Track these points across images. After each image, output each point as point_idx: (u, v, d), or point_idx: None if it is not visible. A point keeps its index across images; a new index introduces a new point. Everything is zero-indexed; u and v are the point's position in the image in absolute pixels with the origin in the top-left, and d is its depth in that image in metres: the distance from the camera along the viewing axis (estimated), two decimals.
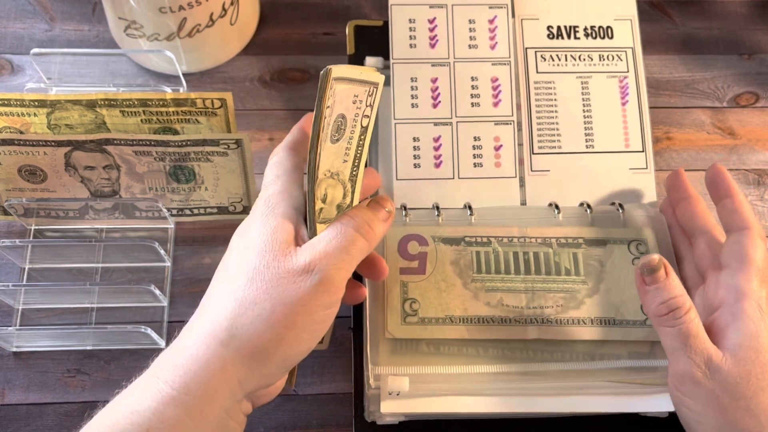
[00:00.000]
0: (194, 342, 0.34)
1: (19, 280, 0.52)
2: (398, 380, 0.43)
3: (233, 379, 0.34)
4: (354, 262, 0.37)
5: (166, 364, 0.34)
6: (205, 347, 0.34)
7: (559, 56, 0.53)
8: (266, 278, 0.34)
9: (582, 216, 0.50)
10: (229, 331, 0.34)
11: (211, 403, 0.33)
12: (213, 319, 0.34)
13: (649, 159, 0.52)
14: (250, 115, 0.59)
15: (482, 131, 0.52)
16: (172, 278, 0.53)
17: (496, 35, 0.53)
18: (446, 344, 0.45)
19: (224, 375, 0.33)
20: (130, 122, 0.48)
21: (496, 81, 0.52)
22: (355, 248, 0.37)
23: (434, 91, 0.52)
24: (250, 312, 0.34)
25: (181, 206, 0.53)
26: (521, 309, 0.46)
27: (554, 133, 0.52)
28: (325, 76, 0.35)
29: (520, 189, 0.51)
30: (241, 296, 0.34)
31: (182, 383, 0.33)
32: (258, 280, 0.35)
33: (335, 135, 0.37)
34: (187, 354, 0.34)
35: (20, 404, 0.49)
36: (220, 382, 0.33)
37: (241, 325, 0.34)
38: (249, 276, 0.35)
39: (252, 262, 0.35)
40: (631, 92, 0.53)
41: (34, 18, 0.62)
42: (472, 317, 0.45)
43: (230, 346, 0.34)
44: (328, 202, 0.39)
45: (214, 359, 0.33)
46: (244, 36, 0.61)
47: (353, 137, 0.39)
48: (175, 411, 0.32)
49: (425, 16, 0.53)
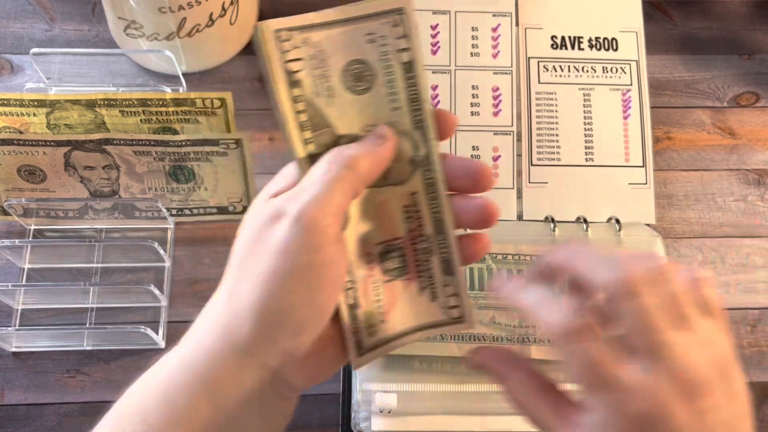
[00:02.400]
0: (210, 310, 0.34)
1: (19, 280, 0.52)
2: (387, 397, 0.42)
3: (236, 345, 0.32)
4: (336, 195, 0.32)
5: (189, 333, 0.34)
6: (212, 312, 0.34)
7: (562, 67, 0.53)
8: (253, 236, 0.33)
9: (578, 232, 0.49)
10: (228, 295, 0.33)
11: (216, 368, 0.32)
12: (225, 289, 0.34)
13: (649, 174, 0.52)
14: (250, 115, 0.59)
15: (481, 141, 0.51)
16: (172, 278, 0.53)
17: (498, 44, 0.53)
18: (439, 362, 0.44)
19: (225, 339, 0.33)
20: (129, 122, 0.48)
21: (497, 90, 0.52)
22: (333, 181, 0.32)
23: (434, 98, 0.52)
24: (240, 274, 0.33)
25: (180, 206, 0.53)
26: (513, 327, 0.45)
27: (554, 144, 0.52)
28: (260, 34, 0.30)
29: (517, 200, 0.51)
30: (237, 262, 0.33)
31: (192, 347, 0.33)
32: (247, 240, 0.33)
33: (358, 84, 0.33)
34: (203, 321, 0.34)
35: (20, 404, 0.49)
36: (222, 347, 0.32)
37: (236, 287, 0.33)
38: (244, 240, 0.34)
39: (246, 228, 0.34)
40: (633, 106, 0.53)
41: (34, 18, 0.62)
42: (464, 335, 0.45)
43: (228, 310, 0.33)
44: (395, 159, 0.34)
45: (214, 323, 0.33)
46: (243, 36, 0.61)
47: (394, 79, 0.34)
48: (185, 374, 0.32)
49: (428, 22, 0.53)
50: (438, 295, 0.36)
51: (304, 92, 0.32)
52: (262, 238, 0.32)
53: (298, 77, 0.32)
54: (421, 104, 0.34)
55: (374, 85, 0.33)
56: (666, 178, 0.58)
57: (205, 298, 0.53)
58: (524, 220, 0.51)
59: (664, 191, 0.58)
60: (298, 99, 0.32)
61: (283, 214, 0.32)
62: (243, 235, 0.34)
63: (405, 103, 0.34)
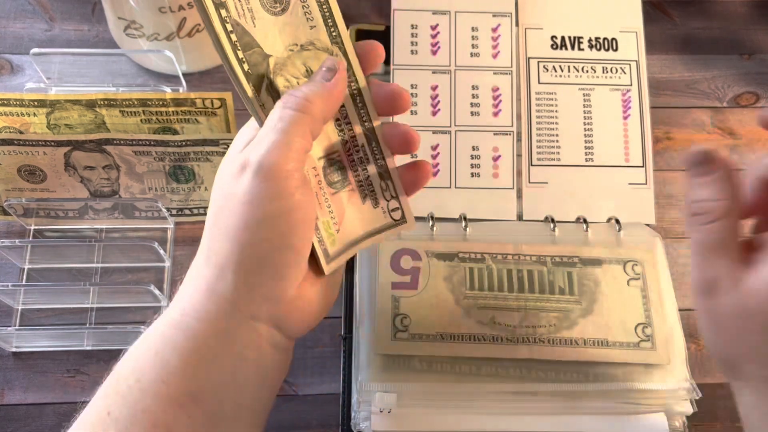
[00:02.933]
0: (191, 269, 0.35)
1: (19, 280, 0.52)
2: (386, 397, 0.42)
3: (220, 298, 0.33)
4: (295, 140, 0.33)
5: (177, 293, 0.35)
6: (194, 271, 0.34)
7: (562, 67, 0.53)
8: (223, 191, 0.34)
9: (578, 232, 0.49)
10: (207, 253, 0.34)
11: (209, 325, 0.33)
12: (200, 247, 0.35)
13: (648, 174, 0.52)
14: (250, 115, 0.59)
15: (481, 141, 0.51)
16: (172, 278, 0.53)
17: (498, 44, 0.53)
18: (439, 361, 0.44)
19: (209, 294, 0.33)
20: (129, 122, 0.48)
21: (497, 90, 0.52)
22: (290, 125, 0.33)
23: (434, 98, 0.52)
24: (215, 229, 0.34)
25: (180, 206, 0.53)
26: (513, 328, 0.45)
27: (554, 144, 0.52)
28: None
29: (517, 200, 0.51)
30: (211, 219, 0.34)
31: (180, 307, 0.33)
32: (218, 196, 0.34)
33: (274, 6, 0.35)
34: (186, 281, 0.35)
35: (20, 404, 0.49)
36: (213, 304, 0.33)
37: (213, 243, 0.34)
38: (216, 196, 0.34)
39: (217, 183, 0.35)
40: (633, 106, 0.53)
41: (34, 18, 0.62)
42: (464, 335, 0.45)
43: (208, 265, 0.33)
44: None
45: (198, 280, 0.34)
46: None
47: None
48: (175, 332, 0.33)
49: (428, 23, 0.53)
50: (379, 201, 0.39)
51: (230, 13, 0.34)
52: (230, 191, 0.33)
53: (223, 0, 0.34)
54: (336, 23, 0.36)
55: (289, 6, 0.35)
56: (666, 178, 0.58)
57: None
58: (524, 220, 0.51)
59: (664, 191, 0.58)
60: (226, 20, 0.33)
61: (247, 164, 0.32)
62: (215, 191, 0.34)
63: (320, 21, 0.36)
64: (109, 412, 0.31)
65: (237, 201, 0.32)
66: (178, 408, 0.31)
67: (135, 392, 0.31)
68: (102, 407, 0.31)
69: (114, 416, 0.31)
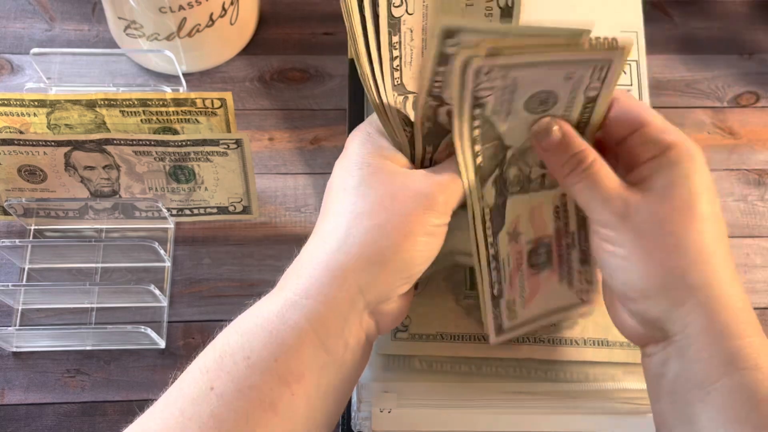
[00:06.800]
0: (314, 253, 0.35)
1: (19, 280, 0.52)
2: (386, 397, 0.42)
3: (353, 286, 0.34)
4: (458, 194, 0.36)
5: (290, 276, 0.35)
6: (324, 254, 0.35)
7: None
8: (380, 193, 0.35)
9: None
10: (346, 240, 0.34)
11: (330, 309, 0.33)
12: (330, 231, 0.35)
13: None
14: (250, 115, 0.59)
15: None
16: (172, 278, 0.53)
17: None
18: (439, 361, 0.44)
19: (344, 280, 0.34)
20: (129, 122, 0.48)
21: None
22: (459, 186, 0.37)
23: None
24: (366, 222, 0.34)
25: (181, 206, 0.53)
26: None
27: None
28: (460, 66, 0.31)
29: None
30: (356, 209, 0.35)
31: (303, 288, 0.34)
32: (372, 194, 0.35)
33: (540, 107, 0.35)
34: (308, 264, 0.35)
35: (20, 404, 0.49)
36: (339, 288, 0.34)
37: (358, 234, 0.34)
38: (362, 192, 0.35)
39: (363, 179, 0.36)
40: None
41: (34, 18, 0.62)
42: (464, 334, 0.44)
43: (349, 254, 0.34)
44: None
45: (332, 264, 0.34)
46: (243, 36, 0.61)
47: (573, 105, 0.35)
48: (296, 314, 0.33)
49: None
50: (574, 282, 0.41)
51: (485, 112, 0.34)
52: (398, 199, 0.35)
53: (485, 101, 0.33)
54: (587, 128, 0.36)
55: (552, 108, 0.35)
56: None
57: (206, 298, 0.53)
58: None
59: None
60: (477, 117, 0.33)
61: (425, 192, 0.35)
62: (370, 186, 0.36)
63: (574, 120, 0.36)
64: (212, 387, 0.31)
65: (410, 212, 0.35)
66: (285, 386, 0.32)
67: (242, 368, 0.32)
68: (203, 382, 0.32)
69: (218, 391, 0.31)
